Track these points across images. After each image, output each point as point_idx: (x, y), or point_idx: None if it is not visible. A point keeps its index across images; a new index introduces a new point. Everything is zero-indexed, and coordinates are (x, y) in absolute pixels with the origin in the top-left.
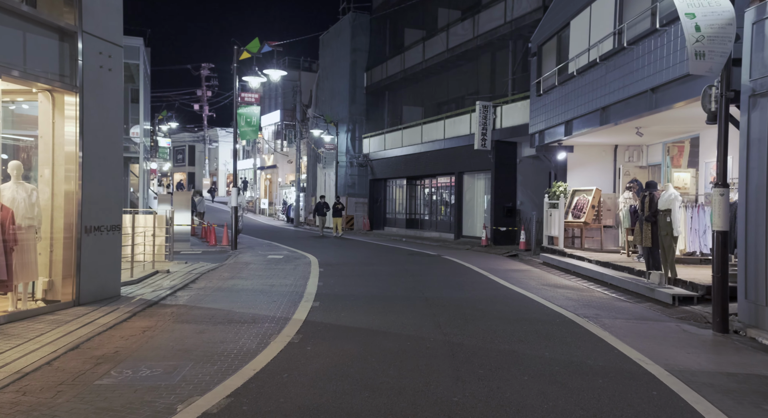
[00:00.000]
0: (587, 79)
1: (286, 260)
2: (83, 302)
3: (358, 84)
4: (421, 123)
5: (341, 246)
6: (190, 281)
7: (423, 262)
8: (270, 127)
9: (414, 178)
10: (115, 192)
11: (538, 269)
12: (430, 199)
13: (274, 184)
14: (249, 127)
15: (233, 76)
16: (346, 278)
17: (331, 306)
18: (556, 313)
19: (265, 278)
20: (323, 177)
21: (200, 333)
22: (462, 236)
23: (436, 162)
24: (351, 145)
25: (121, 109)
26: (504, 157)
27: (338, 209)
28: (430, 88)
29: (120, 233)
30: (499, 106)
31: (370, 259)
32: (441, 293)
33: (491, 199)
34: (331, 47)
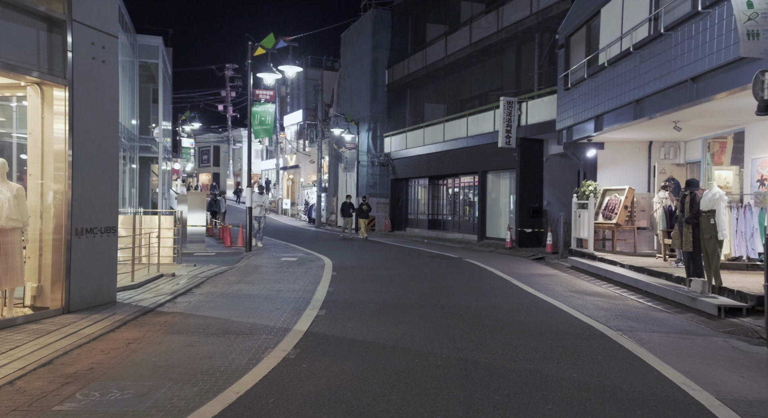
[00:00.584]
0: (619, 70)
1: (299, 262)
2: (74, 308)
3: (380, 82)
4: (444, 121)
5: (359, 248)
6: (194, 285)
7: (443, 265)
8: (293, 127)
9: (436, 177)
10: (110, 192)
11: (565, 274)
12: (452, 200)
13: (296, 185)
14: (263, 125)
15: (247, 72)
16: (359, 283)
17: (337, 315)
18: (586, 325)
19: (273, 283)
20: (344, 177)
21: (189, 346)
22: (485, 238)
23: (459, 161)
24: (372, 145)
25: (116, 103)
26: (529, 155)
27: (364, 209)
28: (452, 84)
29: (116, 236)
30: (524, 102)
31: (388, 262)
32: (459, 301)
33: (516, 200)
34: (353, 45)
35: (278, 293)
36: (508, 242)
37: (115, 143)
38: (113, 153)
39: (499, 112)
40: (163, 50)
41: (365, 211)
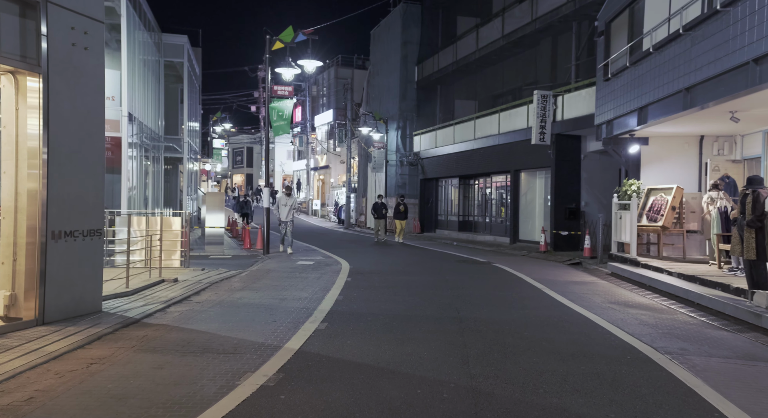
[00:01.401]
0: (667, 55)
1: (315, 266)
2: (50, 319)
3: (409, 78)
4: (474, 117)
5: (383, 252)
6: (193, 292)
7: (469, 271)
8: (323, 128)
9: (467, 177)
10: (95, 192)
11: (604, 282)
12: (484, 200)
13: (326, 185)
14: (281, 121)
15: (265, 67)
16: (373, 291)
17: (339, 329)
18: (627, 345)
19: (280, 290)
20: (373, 177)
21: (158, 369)
22: (518, 241)
23: (491, 159)
24: (401, 144)
25: (101, 94)
26: (566, 152)
27: (401, 211)
28: (483, 79)
29: (101, 239)
30: (560, 96)
31: (410, 266)
32: (480, 313)
33: (551, 200)
34: (382, 41)
35: (281, 302)
36: (542, 245)
37: (101, 138)
38: (98, 149)
39: (533, 107)
40: (188, 49)
41: (402, 212)
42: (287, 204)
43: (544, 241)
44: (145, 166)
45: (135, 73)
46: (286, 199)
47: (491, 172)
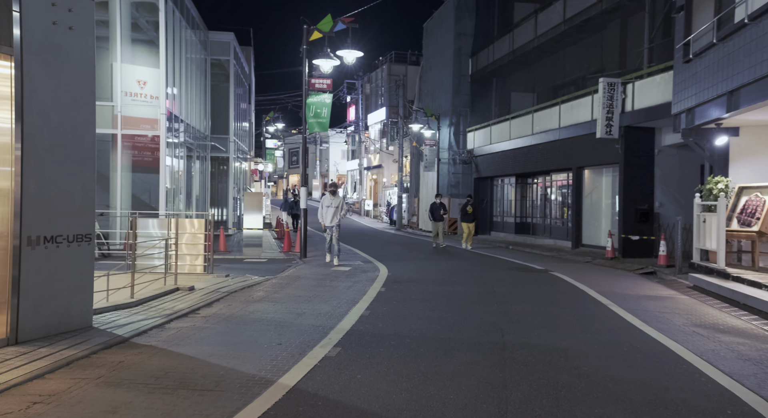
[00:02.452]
0: (766, 26)
1: (350, 273)
2: (25, 338)
3: (463, 72)
4: (532, 111)
5: (428, 257)
6: (204, 303)
7: (522, 280)
8: (376, 126)
9: (524, 175)
10: (82, 191)
11: (685, 297)
12: (543, 200)
13: (379, 185)
14: (318, 118)
15: (302, 59)
16: (406, 305)
17: (352, 357)
18: (725, 391)
19: (301, 302)
20: (426, 176)
21: (110, 414)
22: (581, 245)
23: (550, 156)
24: (454, 141)
25: (91, 81)
26: (636, 146)
27: (468, 212)
28: (542, 70)
29: (91, 245)
30: (630, 83)
31: (455, 274)
32: (530, 336)
33: (620, 200)
34: (435, 35)
35: (297, 318)
36: (608, 250)
37: (91, 130)
38: (87, 143)
39: (598, 97)
40: (235, 46)
41: (470, 213)
42: (331, 205)
43: (611, 246)
44: (190, 166)
45: (178, 71)
46: (330, 199)
47: (551, 170)
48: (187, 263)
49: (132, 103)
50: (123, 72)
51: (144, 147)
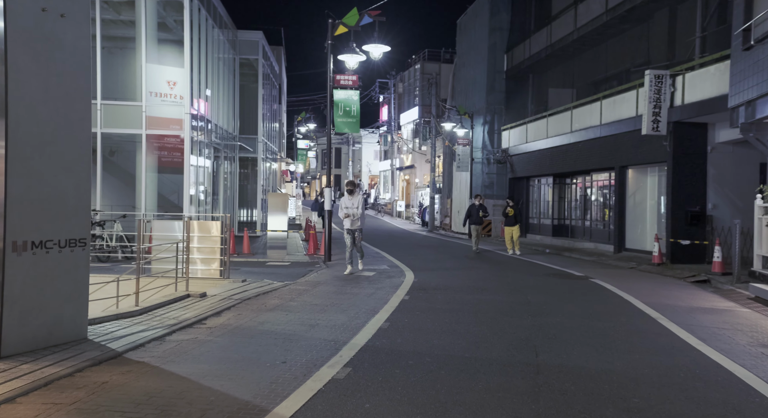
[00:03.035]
0: None
1: (373, 279)
2: (9, 352)
3: (497, 68)
4: (571, 107)
5: (459, 262)
6: (213, 312)
7: (560, 289)
8: (408, 126)
9: (562, 175)
10: (76, 192)
11: (746, 310)
12: (583, 202)
13: (411, 186)
14: (347, 117)
15: (327, 54)
16: (430, 316)
17: (362, 381)
18: None
19: (317, 311)
20: (458, 177)
21: None
22: (624, 249)
23: (591, 154)
24: (488, 140)
25: (86, 72)
26: (687, 143)
27: (508, 215)
28: (582, 64)
29: (86, 250)
30: (680, 75)
31: (486, 281)
32: (568, 357)
33: (668, 202)
34: (469, 31)
35: (309, 331)
36: (655, 255)
37: (86, 127)
38: (82, 140)
39: (644, 91)
40: (264, 46)
41: (511, 216)
42: (351, 206)
43: (657, 251)
44: (217, 167)
45: (204, 70)
46: (349, 199)
47: (591, 170)
48: (202, 267)
49: (161, 104)
50: (150, 72)
51: (170, 148)
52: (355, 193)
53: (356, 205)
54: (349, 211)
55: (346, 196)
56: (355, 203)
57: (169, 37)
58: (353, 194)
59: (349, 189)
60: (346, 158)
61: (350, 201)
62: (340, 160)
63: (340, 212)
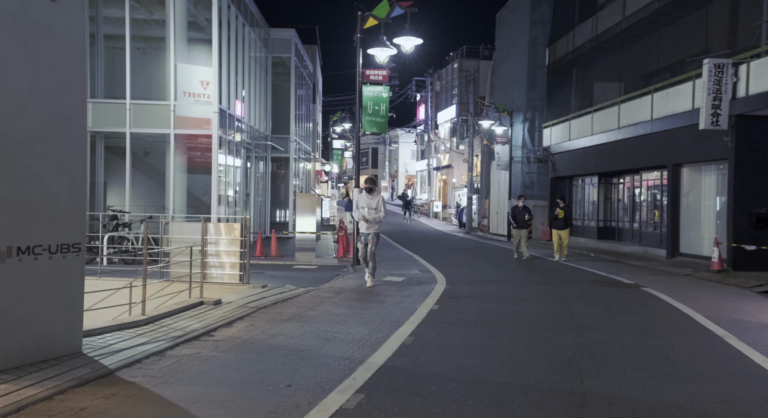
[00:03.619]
0: None
1: (401, 285)
2: None
3: (539, 63)
4: (618, 102)
5: (496, 266)
6: (225, 322)
7: (607, 298)
8: (446, 125)
9: (608, 174)
10: (69, 193)
11: None
12: (630, 202)
13: (448, 186)
14: (376, 116)
15: (356, 49)
16: (460, 329)
17: (375, 413)
18: None
19: (336, 323)
20: (497, 176)
21: None
22: (678, 254)
23: (640, 152)
24: (528, 138)
25: (80, 63)
26: (751, 138)
27: (558, 217)
28: (631, 56)
29: (80, 256)
30: (744, 64)
31: (524, 288)
32: (620, 385)
33: (730, 203)
34: (508, 25)
35: (324, 346)
36: (714, 261)
37: (80, 121)
38: (76, 135)
39: (702, 83)
40: (296, 43)
41: (560, 218)
42: (367, 206)
43: (717, 256)
44: (248, 167)
45: (234, 69)
46: (368, 198)
47: (641, 168)
48: (220, 272)
49: (191, 103)
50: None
51: (200, 148)
52: (375, 191)
53: (376, 207)
54: (368, 212)
55: (365, 194)
56: (374, 204)
57: (201, 37)
58: (372, 193)
59: (368, 187)
60: (383, 158)
61: (370, 200)
62: (377, 160)
63: (355, 212)
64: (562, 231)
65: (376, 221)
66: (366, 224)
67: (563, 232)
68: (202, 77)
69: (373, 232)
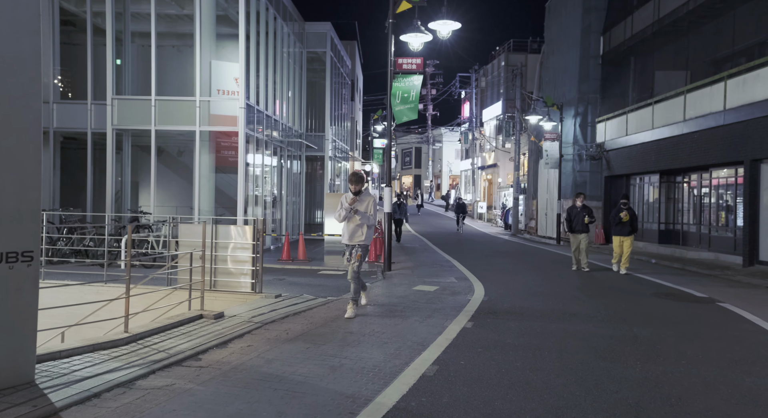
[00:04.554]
0: None
1: (432, 297)
2: None
3: (592, 53)
4: (684, 91)
5: (543, 274)
6: (219, 341)
7: (677, 316)
8: (491, 122)
9: (671, 172)
10: (18, 189)
11: None
12: (698, 203)
13: (493, 186)
14: (405, 104)
15: (388, 35)
16: (497, 355)
17: None
18: None
19: (348, 344)
20: (545, 175)
21: None
22: (757, 261)
23: (710, 147)
24: (580, 134)
25: (34, 35)
26: None
27: (623, 221)
28: (699, 39)
29: (34, 266)
30: None
31: (576, 302)
32: None
33: None
34: (559, 13)
35: (327, 376)
36: None
37: (34, 104)
38: (28, 121)
39: None
40: (332, 37)
41: (624, 222)
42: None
43: None
44: (281, 166)
45: (263, 64)
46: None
47: (711, 165)
48: (231, 279)
49: (218, 100)
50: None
51: (228, 146)
52: (364, 193)
53: (365, 211)
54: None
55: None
56: (362, 208)
57: (234, 32)
58: (361, 194)
59: (356, 190)
60: (426, 158)
61: (358, 204)
62: (420, 159)
63: (336, 213)
64: (627, 238)
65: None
66: (348, 233)
67: (627, 239)
68: (236, 74)
69: (358, 244)
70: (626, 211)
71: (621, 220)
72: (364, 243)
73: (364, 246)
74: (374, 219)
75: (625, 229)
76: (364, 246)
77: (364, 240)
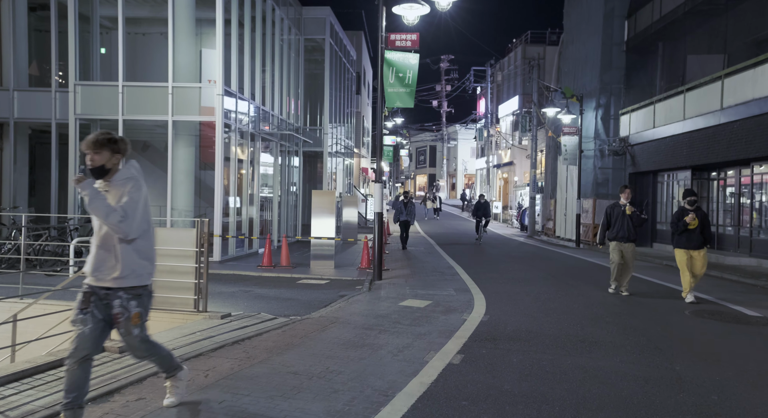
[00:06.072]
0: None
1: (421, 314)
2: None
3: (615, 40)
4: (722, 76)
5: (559, 286)
6: (100, 393)
7: (729, 344)
8: (507, 118)
9: (704, 168)
10: None
11: None
12: (736, 202)
13: (509, 184)
14: (400, 86)
15: (378, 6)
16: (488, 408)
17: None
18: None
19: (283, 393)
20: (564, 173)
21: None
22: None
23: (752, 138)
24: (602, 127)
25: None
26: None
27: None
28: (738, 19)
29: None
30: None
31: (597, 324)
32: None
33: None
34: (580, 0)
35: None
36: None
37: None
38: None
39: None
40: (332, 23)
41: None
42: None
43: None
44: (275, 163)
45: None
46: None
47: (752, 159)
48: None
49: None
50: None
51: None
52: (122, 169)
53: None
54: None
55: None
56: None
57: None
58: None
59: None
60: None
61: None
62: (435, 158)
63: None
64: (697, 251)
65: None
66: (93, 260)
67: (699, 253)
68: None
69: (115, 285)
70: (693, 213)
71: (686, 226)
72: (129, 283)
73: (132, 292)
74: (135, 225)
75: (693, 239)
76: (132, 292)
77: (119, 274)
